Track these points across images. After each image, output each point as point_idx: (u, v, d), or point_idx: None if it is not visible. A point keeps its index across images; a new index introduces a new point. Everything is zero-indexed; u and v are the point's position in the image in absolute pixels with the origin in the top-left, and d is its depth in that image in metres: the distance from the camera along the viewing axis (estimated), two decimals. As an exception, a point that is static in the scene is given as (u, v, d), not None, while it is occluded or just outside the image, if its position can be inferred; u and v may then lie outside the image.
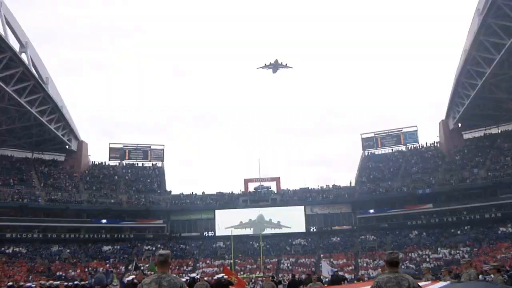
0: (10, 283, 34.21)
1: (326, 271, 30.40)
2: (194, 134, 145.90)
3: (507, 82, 50.30)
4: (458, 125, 63.77)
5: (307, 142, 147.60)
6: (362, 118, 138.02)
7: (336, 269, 31.27)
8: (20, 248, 55.03)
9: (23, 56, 50.17)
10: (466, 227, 56.52)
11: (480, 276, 15.61)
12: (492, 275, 11.53)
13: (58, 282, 27.38)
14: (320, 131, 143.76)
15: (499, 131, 62.46)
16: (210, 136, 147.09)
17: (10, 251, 53.84)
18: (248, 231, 63.66)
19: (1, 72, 45.99)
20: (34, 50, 54.84)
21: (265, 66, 74.78)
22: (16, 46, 48.96)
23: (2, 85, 46.65)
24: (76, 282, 26.62)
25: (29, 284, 34.05)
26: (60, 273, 49.57)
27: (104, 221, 61.29)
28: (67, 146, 65.99)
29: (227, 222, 62.35)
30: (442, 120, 65.94)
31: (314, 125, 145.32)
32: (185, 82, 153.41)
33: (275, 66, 74.45)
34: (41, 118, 55.41)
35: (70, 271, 51.48)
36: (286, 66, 74.61)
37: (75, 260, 55.57)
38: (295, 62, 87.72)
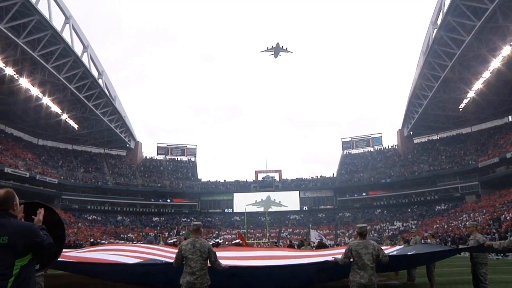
0: (92, 240, 39.06)
1: (313, 236, 30.84)
2: (217, 133, 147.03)
3: (442, 103, 53.04)
4: (410, 133, 65.36)
5: (302, 143, 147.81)
6: (342, 126, 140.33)
7: (321, 237, 34.51)
8: (96, 216, 57.67)
9: (100, 81, 52.53)
10: (414, 206, 58.29)
11: (422, 241, 17.02)
12: (429, 240, 12.09)
13: (123, 242, 30.79)
14: (311, 136, 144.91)
15: (438, 138, 64.01)
16: (230, 134, 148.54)
17: (90, 218, 56.51)
18: (259, 208, 64.77)
19: (85, 92, 49.29)
20: (107, 76, 56.37)
21: (267, 50, 68.67)
22: (95, 73, 51.31)
23: (85, 101, 50.02)
24: (134, 242, 29.38)
25: (103, 241, 38.78)
26: (123, 235, 51.69)
27: (153, 199, 63.39)
28: (127, 145, 67.83)
29: (242, 202, 62.92)
30: (399, 129, 67.45)
31: (308, 129, 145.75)
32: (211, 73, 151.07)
33: (277, 50, 68.56)
34: (110, 125, 58.07)
35: (130, 234, 53.49)
36: (286, 50, 68.47)
37: (133, 227, 58.16)
38: (295, 48, 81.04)
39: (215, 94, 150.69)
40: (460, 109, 53.19)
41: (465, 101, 50.55)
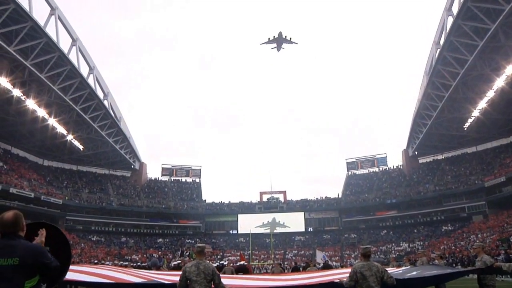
0: (96, 261, 38.77)
1: (319, 257, 30.48)
2: (221, 152, 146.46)
3: (447, 122, 52.94)
4: (415, 153, 65.14)
5: (306, 164, 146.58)
6: (347, 146, 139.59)
7: (325, 258, 33.32)
8: (100, 237, 57.20)
9: (105, 102, 52.78)
10: (420, 227, 57.34)
11: (430, 262, 17.43)
12: (436, 261, 11.92)
13: (126, 263, 30.58)
14: (315, 157, 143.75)
15: (443, 157, 63.62)
16: (234, 153, 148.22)
17: (94, 239, 56.05)
18: (265, 230, 63.89)
19: (91, 113, 49.29)
20: (113, 97, 56.58)
21: (269, 41, 61.19)
22: (101, 95, 51.62)
23: (91, 122, 49.97)
24: (138, 264, 28.69)
25: (107, 262, 38.47)
26: (127, 257, 51.02)
27: (157, 220, 62.73)
28: (132, 166, 67.90)
29: (247, 223, 62.95)
30: (404, 149, 67.30)
31: (312, 152, 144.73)
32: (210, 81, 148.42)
33: (279, 41, 61.01)
34: (115, 146, 57.97)
35: (134, 255, 52.67)
36: (290, 41, 60.91)
37: (137, 248, 57.36)
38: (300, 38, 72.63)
39: (217, 106, 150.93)
40: (465, 129, 52.86)
41: (470, 120, 50.16)
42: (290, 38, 61.05)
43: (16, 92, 39.46)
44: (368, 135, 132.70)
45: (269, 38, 61.12)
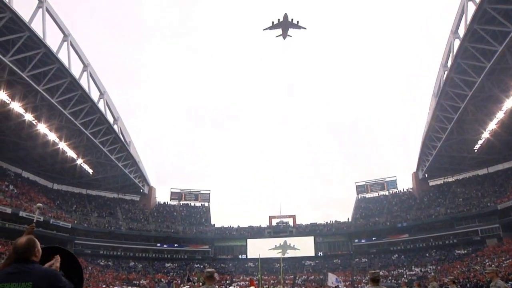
0: (104, 286, 38.55)
1: (331, 280, 30.71)
2: (230, 175, 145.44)
3: (457, 144, 52.35)
4: (425, 176, 64.46)
5: (315, 187, 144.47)
6: (356, 170, 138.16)
7: (338, 281, 30.96)
8: (109, 262, 56.66)
9: (115, 127, 53.26)
10: (432, 251, 56.41)
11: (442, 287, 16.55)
12: (449, 286, 11.76)
13: None
14: (325, 180, 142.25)
15: (454, 180, 62.90)
16: (243, 176, 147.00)
17: (102, 263, 55.66)
18: (278, 254, 62.72)
19: (101, 138, 49.61)
20: (122, 121, 56.98)
21: (273, 26, 54.48)
22: (111, 119, 51.96)
23: (101, 146, 50.27)
24: None
25: (116, 287, 38.15)
26: (135, 282, 51.13)
27: (166, 245, 62.45)
28: (141, 190, 67.73)
29: (256, 248, 61.39)
30: (414, 172, 66.73)
31: (322, 176, 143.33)
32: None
33: (285, 26, 54.45)
34: (124, 170, 58.09)
35: (142, 280, 52.72)
36: (298, 26, 54.40)
37: (145, 273, 56.98)
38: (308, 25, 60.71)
39: (220, 110, 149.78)
40: (475, 150, 52.21)
41: (480, 142, 49.67)
42: (298, 22, 54.60)
43: (28, 117, 40.00)
44: (377, 158, 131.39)
45: (273, 22, 54.83)
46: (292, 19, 53.88)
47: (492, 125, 45.04)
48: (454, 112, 45.40)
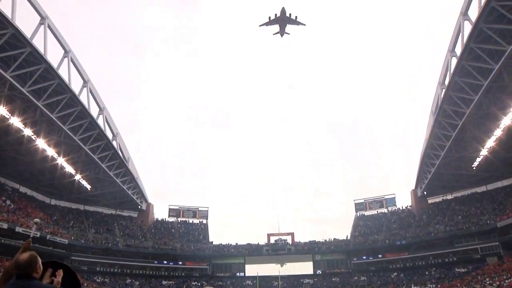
0: None
1: None
2: (228, 192, 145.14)
3: (455, 161, 52.21)
4: (424, 193, 64.49)
5: (314, 205, 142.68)
6: (354, 188, 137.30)
7: None
8: (105, 279, 56.03)
9: (114, 143, 53.20)
10: (432, 269, 55.99)
11: None
12: None
13: None
14: (323, 198, 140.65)
15: (453, 197, 62.84)
16: (241, 193, 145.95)
17: (99, 280, 54.97)
18: (271, 272, 61.98)
19: (99, 154, 49.43)
20: (121, 137, 57.05)
21: (270, 22, 51.65)
22: (109, 135, 52.03)
23: (99, 162, 50.08)
24: None
25: None
26: None
27: (163, 262, 61.67)
28: (139, 206, 67.52)
29: (254, 266, 62.20)
30: (413, 189, 66.71)
31: (320, 194, 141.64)
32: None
33: (282, 21, 51.51)
34: (123, 186, 57.94)
35: None
36: (296, 21, 51.35)
37: None
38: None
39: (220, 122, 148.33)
40: (474, 168, 52.11)
41: (478, 159, 49.62)
42: (296, 17, 51.53)
43: (27, 132, 39.93)
44: (375, 175, 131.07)
45: (269, 18, 51.77)
46: (290, 14, 51.33)
47: (490, 143, 45.03)
48: (452, 130, 45.53)
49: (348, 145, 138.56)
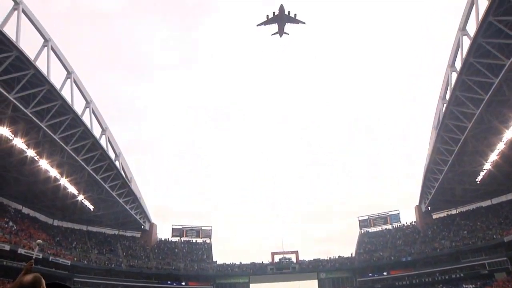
0: None
1: None
2: (233, 213, 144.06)
3: (459, 176, 52.00)
4: (428, 208, 64.31)
5: (318, 224, 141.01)
6: (359, 204, 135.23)
7: None
8: None
9: (117, 163, 53.21)
10: (439, 286, 54.93)
11: None
12: None
13: None
14: (327, 217, 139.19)
15: (457, 212, 62.57)
16: (245, 212, 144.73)
17: None
18: None
19: (102, 174, 49.37)
20: (124, 157, 57.12)
21: (268, 21, 49.35)
22: (112, 155, 52.20)
23: (102, 182, 49.99)
24: None
25: None
26: None
27: (167, 282, 60.88)
28: (142, 226, 67.35)
29: (259, 285, 62.03)
30: (417, 205, 66.39)
31: (323, 212, 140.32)
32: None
33: (281, 20, 49.11)
34: (125, 206, 57.83)
35: None
36: (295, 20, 48.93)
37: None
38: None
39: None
40: (478, 182, 51.79)
41: (482, 173, 49.32)
42: (295, 15, 49.08)
43: (30, 153, 39.93)
44: (379, 191, 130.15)
45: (267, 16, 49.44)
46: (289, 12, 48.74)
47: (493, 156, 44.83)
48: (454, 144, 45.45)
49: (350, 156, 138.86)
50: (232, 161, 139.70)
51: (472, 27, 35.39)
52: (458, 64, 39.32)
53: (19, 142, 37.74)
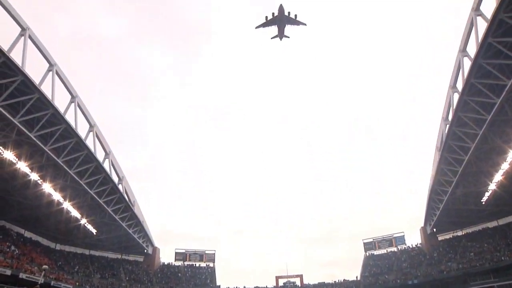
0: None
1: None
2: (237, 228, 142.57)
3: (464, 197, 51.37)
4: (433, 230, 63.71)
5: (323, 247, 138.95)
6: (363, 227, 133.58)
7: None
8: None
9: (120, 186, 53.12)
10: (447, 309, 53.36)
11: None
12: None
13: None
14: (332, 239, 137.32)
15: (463, 233, 61.89)
16: (247, 240, 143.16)
17: None
18: None
19: (105, 198, 49.19)
20: (127, 181, 57.24)
21: (267, 23, 47.20)
22: (115, 179, 52.12)
23: (105, 206, 49.78)
24: None
25: None
26: None
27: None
28: (145, 251, 66.95)
29: None
30: (422, 227, 65.97)
31: (328, 234, 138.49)
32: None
33: (280, 22, 46.73)
34: (128, 230, 57.52)
35: None
36: (296, 21, 46.68)
37: None
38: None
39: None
40: (483, 203, 51.14)
41: (487, 194, 48.75)
42: (296, 16, 46.84)
43: (34, 176, 39.87)
44: (383, 214, 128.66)
45: (266, 18, 47.27)
46: (289, 13, 46.35)
47: (498, 177, 44.37)
48: (458, 165, 45.14)
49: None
50: (234, 170, 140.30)
51: (472, 48, 35.69)
52: (459, 85, 39.43)
53: (22, 166, 37.70)
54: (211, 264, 73.33)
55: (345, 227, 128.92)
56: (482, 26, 32.52)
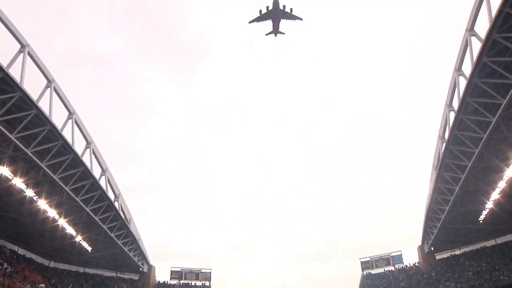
0: None
1: None
2: (231, 259, 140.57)
3: (461, 216, 51.51)
4: (431, 249, 63.15)
5: (320, 265, 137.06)
6: (359, 246, 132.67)
7: None
8: None
9: (116, 204, 52.45)
10: (447, 330, 52.61)
11: None
12: None
13: None
14: (328, 258, 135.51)
15: (461, 252, 61.41)
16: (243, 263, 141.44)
17: None
18: None
19: (101, 215, 48.66)
20: (123, 198, 56.38)
21: (261, 17, 44.90)
22: (111, 196, 51.36)
23: (100, 223, 49.23)
24: None
25: None
26: None
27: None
28: (140, 269, 66.06)
29: None
30: (419, 245, 65.52)
31: (325, 250, 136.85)
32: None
33: (275, 17, 44.24)
34: (124, 248, 56.69)
35: None
36: (292, 16, 44.19)
37: None
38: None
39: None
40: (481, 221, 51.00)
41: (485, 212, 48.73)
42: (291, 10, 44.59)
43: (29, 193, 39.54)
44: (380, 233, 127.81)
45: (260, 12, 45.06)
46: (284, 6, 44.18)
47: (495, 195, 44.39)
48: (455, 184, 45.09)
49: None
50: (234, 170, 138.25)
51: (467, 67, 36.05)
52: (455, 103, 39.68)
53: (18, 182, 37.40)
54: (207, 283, 72.39)
55: (342, 243, 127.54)
56: (476, 46, 32.94)
